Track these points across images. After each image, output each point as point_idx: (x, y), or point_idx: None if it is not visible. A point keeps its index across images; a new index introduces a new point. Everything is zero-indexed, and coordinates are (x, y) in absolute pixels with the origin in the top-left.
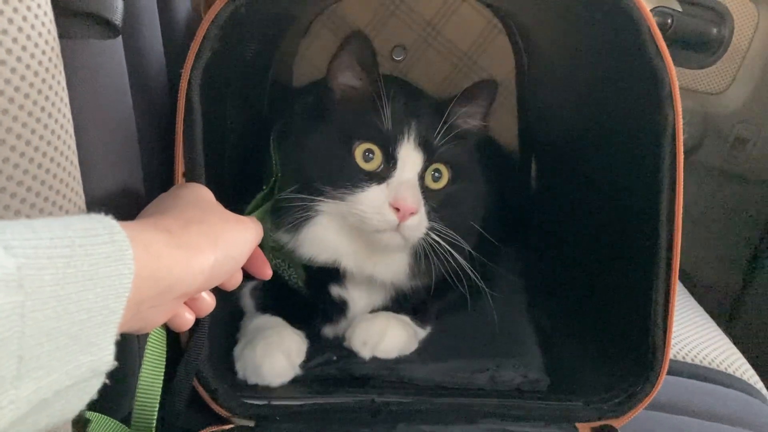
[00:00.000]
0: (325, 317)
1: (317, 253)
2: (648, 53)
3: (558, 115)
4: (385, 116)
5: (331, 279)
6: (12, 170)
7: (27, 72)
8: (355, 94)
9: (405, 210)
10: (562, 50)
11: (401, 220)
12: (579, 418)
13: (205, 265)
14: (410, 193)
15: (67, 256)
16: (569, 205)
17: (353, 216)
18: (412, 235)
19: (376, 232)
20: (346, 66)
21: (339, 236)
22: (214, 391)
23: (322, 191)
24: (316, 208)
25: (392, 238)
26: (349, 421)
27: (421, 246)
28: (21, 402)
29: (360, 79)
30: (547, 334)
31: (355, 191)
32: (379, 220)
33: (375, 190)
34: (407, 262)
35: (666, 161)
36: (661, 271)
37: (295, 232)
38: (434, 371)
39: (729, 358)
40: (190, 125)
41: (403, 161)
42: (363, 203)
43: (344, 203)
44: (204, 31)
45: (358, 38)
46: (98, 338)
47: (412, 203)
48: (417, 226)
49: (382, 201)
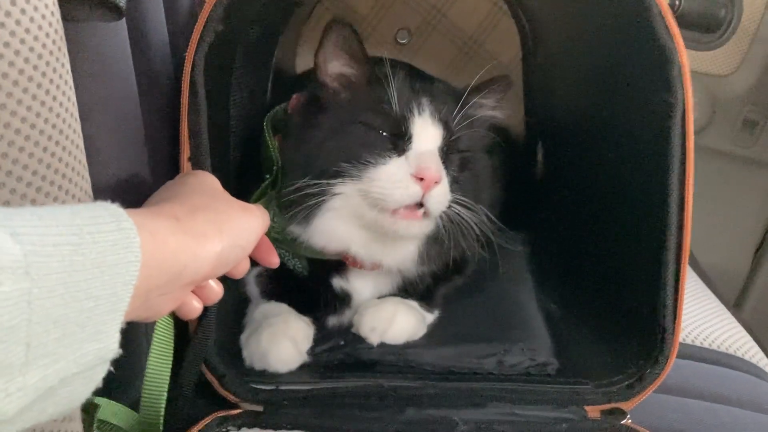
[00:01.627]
0: (328, 308)
1: (328, 242)
2: (658, 33)
3: (565, 98)
4: (392, 95)
5: (334, 271)
6: (17, 154)
7: (31, 55)
8: (350, 81)
9: (430, 178)
10: (569, 32)
11: (426, 190)
12: (588, 401)
13: (211, 253)
14: (433, 161)
15: (74, 244)
16: (577, 188)
17: (373, 194)
18: (436, 207)
19: (396, 216)
20: (333, 56)
21: (350, 225)
22: (222, 376)
23: (338, 173)
24: (333, 191)
25: (410, 226)
26: (357, 405)
27: (442, 221)
28: (28, 389)
29: (350, 66)
30: (555, 317)
31: (377, 165)
32: (402, 193)
33: (395, 163)
34: (417, 247)
35: (676, 142)
36: (672, 252)
37: (307, 224)
38: (442, 356)
39: (738, 341)
40: (195, 108)
41: (419, 134)
42: (382, 177)
43: (363, 182)
44: (207, 13)
45: (337, 26)
46: (105, 326)
47: (436, 171)
48: (442, 197)
49: (404, 173)
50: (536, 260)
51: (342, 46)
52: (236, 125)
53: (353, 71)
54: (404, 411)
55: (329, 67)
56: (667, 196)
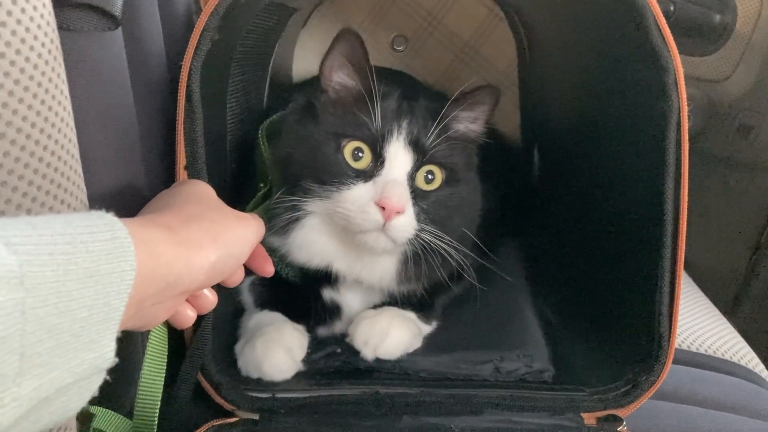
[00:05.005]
0: (318, 319)
1: (309, 257)
2: (652, 40)
3: (560, 104)
4: (375, 114)
5: (324, 282)
6: (13, 164)
7: (26, 65)
8: (348, 93)
9: (390, 209)
10: (565, 38)
11: (387, 219)
12: (584, 408)
13: (206, 263)
14: (396, 191)
15: (69, 253)
16: (573, 194)
17: (338, 215)
18: (399, 236)
19: (362, 233)
20: (339, 65)
21: (329, 238)
22: (218, 384)
23: (309, 190)
24: (305, 207)
25: (378, 239)
26: (354, 413)
27: (411, 249)
28: (23, 399)
29: (352, 78)
30: (551, 324)
31: (341, 189)
32: (364, 218)
33: (360, 188)
34: (396, 266)
35: (671, 149)
36: (667, 259)
37: (285, 236)
38: (438, 363)
39: (734, 347)
40: (191, 117)
41: (391, 160)
42: (348, 201)
43: (330, 201)
44: (204, 22)
45: (348, 36)
46: (99, 335)
47: (397, 202)
48: (404, 227)
49: (368, 199)
50: (533, 266)
51: (349, 57)
52: (232, 133)
53: (354, 83)
54: (401, 419)
55: (333, 76)
56: (662, 203)
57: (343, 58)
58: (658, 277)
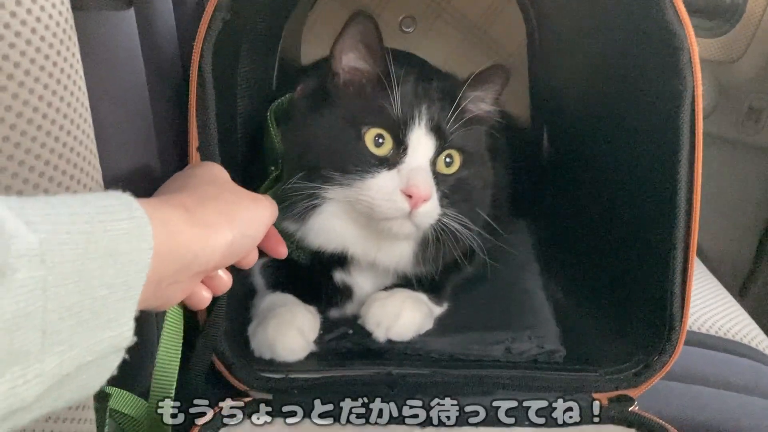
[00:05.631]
0: (329, 301)
1: (325, 242)
2: (668, 20)
3: (571, 85)
4: (394, 100)
5: (336, 265)
6: (30, 143)
7: (42, 44)
8: (362, 77)
9: (418, 197)
10: (576, 19)
11: (413, 207)
12: (595, 389)
13: (221, 243)
14: (423, 179)
15: (87, 232)
16: (583, 176)
17: (362, 203)
18: (424, 222)
19: (386, 220)
20: (351, 48)
21: (346, 223)
22: (231, 365)
23: (329, 178)
24: (324, 195)
25: (402, 226)
26: (366, 393)
27: (431, 232)
28: (46, 376)
29: (366, 61)
30: (562, 305)
31: (364, 177)
32: (390, 207)
33: (385, 176)
34: (413, 249)
35: (685, 129)
36: (680, 240)
37: (302, 222)
38: (450, 343)
39: (744, 328)
40: (203, 97)
41: (414, 147)
42: (372, 189)
43: (352, 190)
44: (215, 1)
45: (361, 18)
46: (118, 314)
47: (425, 190)
48: (429, 213)
49: (394, 187)
50: (543, 248)
51: (362, 39)
52: (242, 116)
53: (367, 67)
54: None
55: (345, 59)
56: (676, 183)
57: (357, 41)
58: (671, 258)
